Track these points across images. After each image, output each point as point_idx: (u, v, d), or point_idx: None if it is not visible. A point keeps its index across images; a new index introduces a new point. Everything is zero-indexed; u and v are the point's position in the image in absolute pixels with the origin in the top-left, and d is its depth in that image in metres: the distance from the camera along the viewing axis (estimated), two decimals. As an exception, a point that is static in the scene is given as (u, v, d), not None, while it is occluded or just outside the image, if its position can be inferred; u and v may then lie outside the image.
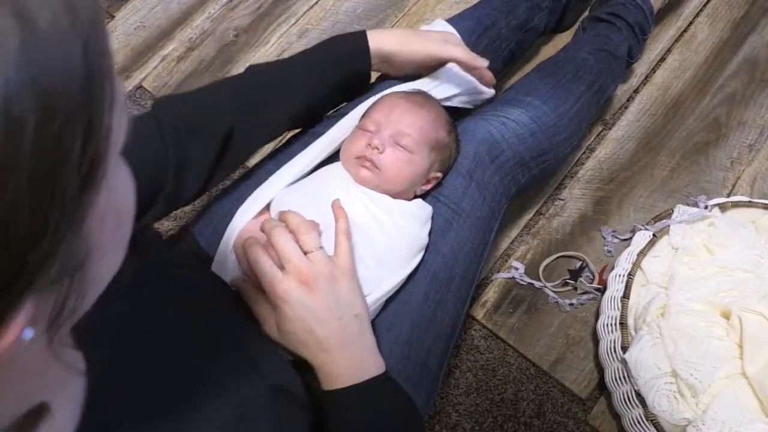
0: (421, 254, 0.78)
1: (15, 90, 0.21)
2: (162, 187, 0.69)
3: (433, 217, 0.80)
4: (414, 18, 1.39)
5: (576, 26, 1.28)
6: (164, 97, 0.75)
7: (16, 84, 0.21)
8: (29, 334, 0.26)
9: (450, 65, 0.88)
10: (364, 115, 0.81)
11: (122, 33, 1.43)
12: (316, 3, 1.44)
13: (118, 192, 0.29)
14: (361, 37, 0.82)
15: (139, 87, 1.37)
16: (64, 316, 0.27)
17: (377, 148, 0.75)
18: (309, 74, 0.80)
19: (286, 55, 1.38)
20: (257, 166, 0.86)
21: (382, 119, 0.77)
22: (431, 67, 0.88)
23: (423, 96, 0.83)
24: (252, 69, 0.80)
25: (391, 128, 0.77)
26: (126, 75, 1.38)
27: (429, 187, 0.82)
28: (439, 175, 0.82)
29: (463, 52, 0.84)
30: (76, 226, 0.25)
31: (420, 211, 0.78)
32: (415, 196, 0.82)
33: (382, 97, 0.82)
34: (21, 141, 0.21)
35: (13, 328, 0.24)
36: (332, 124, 0.82)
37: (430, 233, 0.79)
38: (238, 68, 1.38)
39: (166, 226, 1.20)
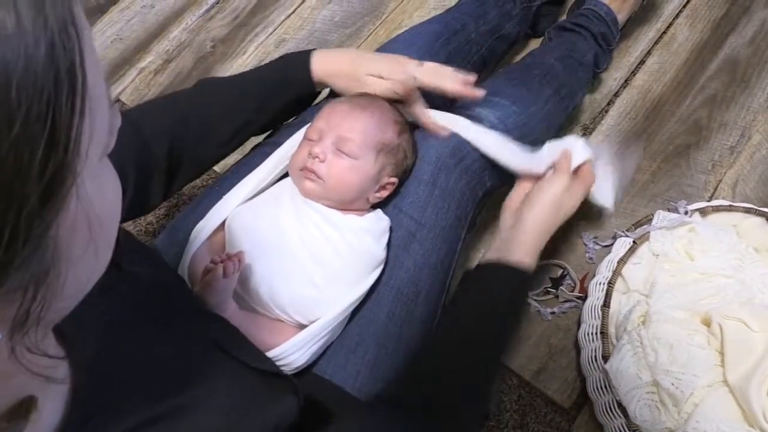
0: (378, 270, 0.75)
1: None
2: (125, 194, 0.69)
3: (393, 230, 0.78)
4: (392, 25, 1.38)
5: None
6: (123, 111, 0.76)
7: None
8: None
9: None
10: (309, 125, 0.79)
11: (99, 46, 1.41)
12: (293, 12, 1.42)
13: (95, 200, 0.28)
14: (305, 60, 0.81)
15: (117, 100, 1.36)
16: (29, 323, 0.27)
17: (317, 157, 0.72)
18: (256, 94, 0.80)
19: (263, 66, 1.37)
20: (219, 177, 0.85)
21: (323, 126, 0.75)
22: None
23: (366, 98, 0.79)
24: (202, 83, 0.81)
25: (332, 135, 0.74)
26: (103, 89, 1.36)
27: (385, 193, 0.78)
28: (394, 180, 0.78)
29: (402, 84, 0.79)
30: (36, 236, 0.24)
31: (373, 226, 0.75)
32: (374, 206, 0.79)
33: (326, 103, 0.80)
34: None
35: None
36: (293, 132, 0.81)
37: (392, 247, 0.77)
38: (216, 80, 1.37)
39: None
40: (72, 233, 0.27)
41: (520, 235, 0.75)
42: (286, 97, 0.82)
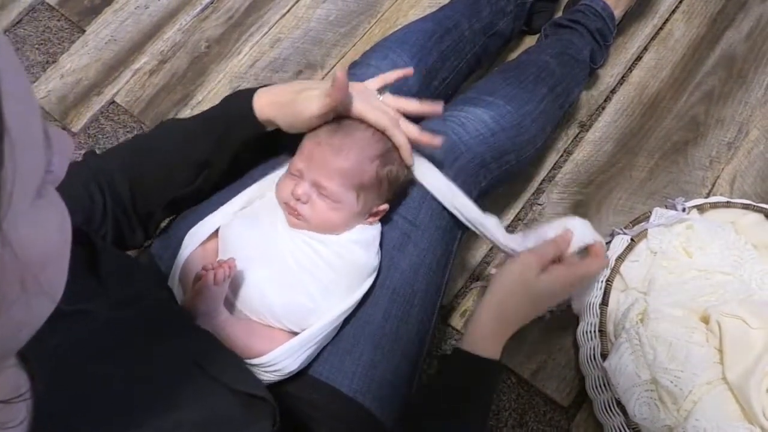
0: (372, 277, 0.75)
1: None
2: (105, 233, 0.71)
3: (387, 231, 0.78)
4: (387, 24, 1.37)
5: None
6: (92, 153, 0.76)
7: None
8: None
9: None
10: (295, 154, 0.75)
11: (93, 47, 1.40)
12: (288, 11, 1.42)
13: (30, 241, 0.27)
14: (248, 101, 0.73)
15: (112, 102, 1.35)
16: None
17: (300, 200, 0.71)
18: (206, 132, 0.75)
19: (258, 65, 1.37)
20: None
21: (302, 166, 0.72)
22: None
23: (341, 135, 0.72)
24: (162, 124, 0.80)
25: (311, 178, 0.71)
26: (98, 90, 1.36)
27: (377, 218, 0.77)
28: (385, 206, 0.76)
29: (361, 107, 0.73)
30: None
31: (362, 236, 0.74)
32: None
33: (306, 137, 0.74)
34: None
35: None
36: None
37: (387, 248, 0.77)
38: (211, 80, 1.36)
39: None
40: (1, 278, 0.26)
41: (475, 325, 0.72)
42: (237, 135, 0.75)
